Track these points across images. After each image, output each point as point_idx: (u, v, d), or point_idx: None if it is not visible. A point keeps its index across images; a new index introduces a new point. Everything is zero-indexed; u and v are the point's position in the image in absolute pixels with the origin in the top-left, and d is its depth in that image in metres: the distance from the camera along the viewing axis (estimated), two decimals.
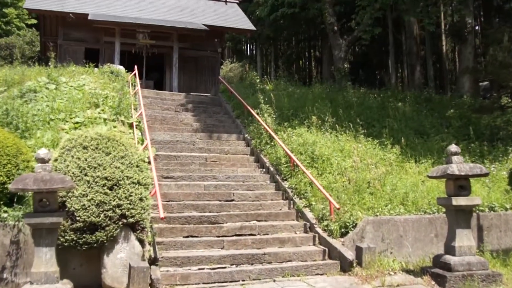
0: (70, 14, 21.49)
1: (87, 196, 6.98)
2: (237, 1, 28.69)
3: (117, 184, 7.20)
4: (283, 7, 28.33)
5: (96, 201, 6.97)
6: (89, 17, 20.81)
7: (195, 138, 13.16)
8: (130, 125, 11.76)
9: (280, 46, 46.33)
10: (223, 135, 13.69)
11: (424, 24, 17.46)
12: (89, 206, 6.93)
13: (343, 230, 8.56)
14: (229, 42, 42.48)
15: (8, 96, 12.30)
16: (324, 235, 8.71)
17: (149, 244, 7.71)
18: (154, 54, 22.54)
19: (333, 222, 8.69)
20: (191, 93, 18.92)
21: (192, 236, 8.55)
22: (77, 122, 11.13)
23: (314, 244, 8.78)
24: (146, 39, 22.03)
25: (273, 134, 12.02)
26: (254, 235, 8.86)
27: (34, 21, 34.44)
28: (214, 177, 10.92)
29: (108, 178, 7.16)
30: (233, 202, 9.95)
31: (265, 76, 22.16)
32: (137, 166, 7.55)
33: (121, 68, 17.22)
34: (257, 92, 14.37)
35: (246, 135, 13.51)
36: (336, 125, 12.49)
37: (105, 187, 7.11)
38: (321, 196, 9.47)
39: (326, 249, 8.44)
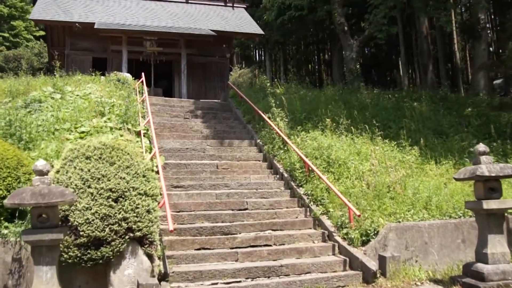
0: (76, 24, 21.31)
1: (91, 209, 6.55)
2: (244, 6, 28.34)
3: (123, 196, 6.76)
4: (290, 10, 27.90)
5: (101, 215, 6.53)
6: (95, 26, 20.56)
7: (205, 145, 12.72)
8: (138, 133, 11.35)
9: (289, 50, 45.98)
10: (234, 141, 13.24)
11: (441, 23, 16.86)
12: (93, 220, 6.49)
13: (364, 238, 8.03)
14: (238, 48, 42.18)
15: (12, 106, 11.98)
16: (344, 244, 8.19)
17: (159, 258, 7.25)
18: (162, 62, 22.26)
19: (353, 230, 8.17)
20: (200, 100, 18.50)
21: (204, 249, 8.07)
22: (82, 132, 10.74)
23: (333, 254, 8.25)
24: (153, 47, 21.73)
25: (286, 138, 11.54)
26: (270, 245, 8.35)
27: (42, 33, 34.50)
28: (226, 185, 10.47)
29: (113, 189, 6.73)
30: (247, 211, 9.47)
31: (275, 80, 21.66)
32: (144, 176, 7.12)
33: (128, 75, 16.87)
34: (268, 96, 13.91)
35: (258, 141, 13.04)
36: (351, 127, 11.98)
37: (110, 199, 6.67)
38: (339, 202, 8.97)
39: (347, 259, 7.91)
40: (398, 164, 10.56)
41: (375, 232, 8.02)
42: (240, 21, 25.47)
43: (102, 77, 15.77)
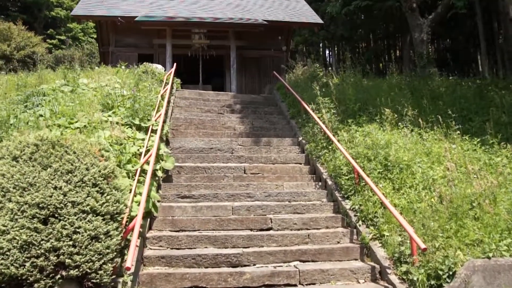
0: (119, 18, 19.83)
1: (8, 234, 4.38)
2: None
3: (55, 215, 4.53)
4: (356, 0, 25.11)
5: (20, 242, 4.34)
6: (137, 19, 18.96)
7: (235, 144, 10.38)
8: (153, 131, 9.22)
9: (358, 49, 42.79)
10: (273, 139, 10.79)
11: None
12: (9, 250, 4.33)
13: (433, 282, 5.23)
14: (301, 44, 39.77)
15: (9, 101, 10.27)
16: None
17: None
18: (213, 57, 20.25)
19: (417, 268, 5.43)
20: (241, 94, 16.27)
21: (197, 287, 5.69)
22: (77, 128, 8.76)
23: None
24: (201, 40, 19.80)
25: (329, 134, 8.95)
26: (294, 286, 5.82)
27: None
28: (249, 195, 8.04)
29: (42, 205, 4.51)
30: (270, 232, 6.98)
31: (330, 68, 18.98)
32: (95, 186, 4.84)
33: (159, 66, 14.95)
34: (315, 83, 11.30)
35: (300, 138, 10.52)
36: (420, 119, 9.11)
37: (36, 220, 4.46)
38: (397, 222, 6.27)
39: None
40: (484, 169, 7.64)
41: (451, 272, 5.21)
42: (298, 11, 23.03)
43: (123, 67, 13.87)
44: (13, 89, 11.88)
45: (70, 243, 4.43)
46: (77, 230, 4.50)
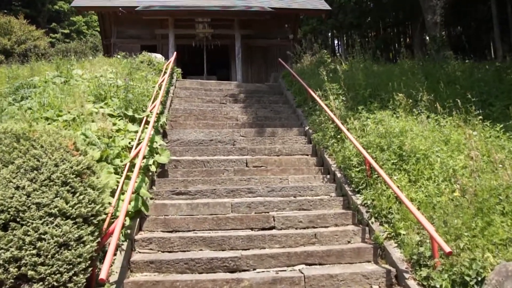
0: (120, 8, 19.25)
1: None
2: None
3: (17, 219, 3.89)
4: None
5: None
6: (137, 9, 18.34)
7: (237, 135, 9.73)
8: (147, 122, 8.59)
9: (367, 38, 41.84)
10: (278, 129, 10.10)
11: None
12: None
13: None
14: (309, 34, 38.94)
15: None
16: None
17: None
18: (218, 47, 19.58)
19: (439, 273, 4.72)
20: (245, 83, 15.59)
21: None
22: (65, 120, 8.15)
23: None
24: (205, 29, 19.13)
25: (338, 122, 8.24)
26: None
27: None
28: (251, 190, 7.37)
29: (1, 208, 3.87)
30: (272, 231, 6.31)
31: (338, 54, 18.22)
32: (65, 184, 4.19)
33: (158, 56, 14.32)
34: (322, 68, 10.58)
35: (307, 128, 9.83)
36: (436, 104, 8.35)
37: None
38: (415, 219, 5.57)
39: None
40: (509, 157, 6.88)
41: (479, 278, 4.50)
42: None
43: (119, 57, 13.27)
44: (4, 82, 11.32)
45: (34, 252, 3.80)
46: (42, 236, 3.86)
